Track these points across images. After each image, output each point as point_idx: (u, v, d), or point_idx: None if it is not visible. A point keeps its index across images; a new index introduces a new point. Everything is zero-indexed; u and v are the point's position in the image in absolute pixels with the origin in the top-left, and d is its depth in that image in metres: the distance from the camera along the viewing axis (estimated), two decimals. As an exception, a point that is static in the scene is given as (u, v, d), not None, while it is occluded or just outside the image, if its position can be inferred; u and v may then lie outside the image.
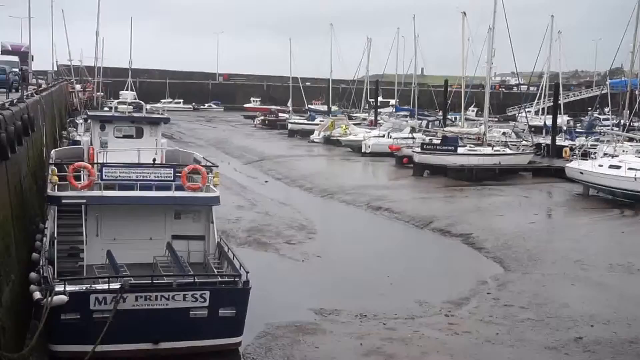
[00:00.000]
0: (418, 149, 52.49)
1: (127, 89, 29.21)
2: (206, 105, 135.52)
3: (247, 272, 17.46)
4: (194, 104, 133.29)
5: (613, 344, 18.40)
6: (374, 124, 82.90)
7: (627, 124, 58.35)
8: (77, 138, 36.30)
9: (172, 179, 19.97)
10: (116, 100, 26.47)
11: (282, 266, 26.39)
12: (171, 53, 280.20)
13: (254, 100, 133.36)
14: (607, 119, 78.63)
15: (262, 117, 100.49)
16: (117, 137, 22.78)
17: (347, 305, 21.26)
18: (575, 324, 19.95)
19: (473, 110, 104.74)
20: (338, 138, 70.47)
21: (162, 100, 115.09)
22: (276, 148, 68.42)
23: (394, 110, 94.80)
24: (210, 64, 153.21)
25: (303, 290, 23.17)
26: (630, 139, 53.54)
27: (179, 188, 19.86)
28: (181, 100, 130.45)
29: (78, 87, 74.28)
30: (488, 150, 53.23)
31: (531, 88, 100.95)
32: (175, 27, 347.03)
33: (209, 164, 22.54)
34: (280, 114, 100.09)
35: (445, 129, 67.37)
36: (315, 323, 19.73)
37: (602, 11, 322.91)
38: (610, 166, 41.05)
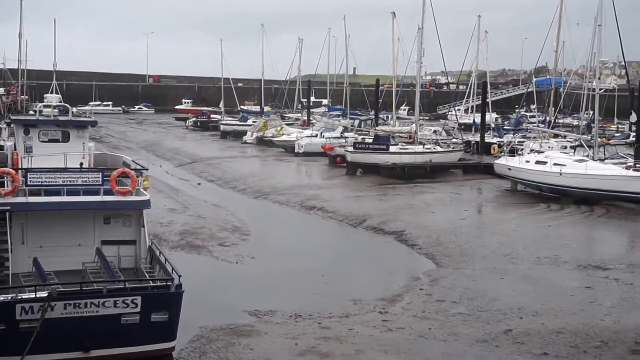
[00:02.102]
0: (351, 148, 52.81)
1: (52, 92, 28.48)
2: (136, 107, 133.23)
3: (180, 276, 17.28)
4: (123, 106, 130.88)
5: (541, 335, 18.87)
6: (307, 123, 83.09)
7: (552, 120, 60.02)
8: (1, 143, 35.21)
9: (100, 183, 19.56)
10: (41, 104, 25.74)
11: (215, 268, 26.18)
12: (100, 55, 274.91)
13: (185, 102, 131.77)
14: (534, 116, 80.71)
15: (194, 119, 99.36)
16: (42, 141, 22.20)
17: (282, 306, 21.25)
18: (505, 317, 20.39)
19: (404, 109, 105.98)
20: (271, 139, 70.34)
21: (91, 103, 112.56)
22: (209, 150, 67.86)
23: (326, 110, 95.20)
24: (140, 66, 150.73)
25: (237, 292, 23.04)
26: (556, 135, 55.13)
27: (108, 192, 19.46)
28: (110, 103, 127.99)
29: (1, 90, 72.12)
30: (419, 148, 53.96)
31: (460, 87, 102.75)
32: (104, 28, 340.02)
33: (138, 167, 22.20)
34: (212, 116, 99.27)
35: (377, 128, 68.04)
36: (250, 324, 19.64)
37: (528, 12, 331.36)
38: (537, 162, 42.17)
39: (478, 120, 65.91)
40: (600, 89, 46.39)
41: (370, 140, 55.38)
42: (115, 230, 20.64)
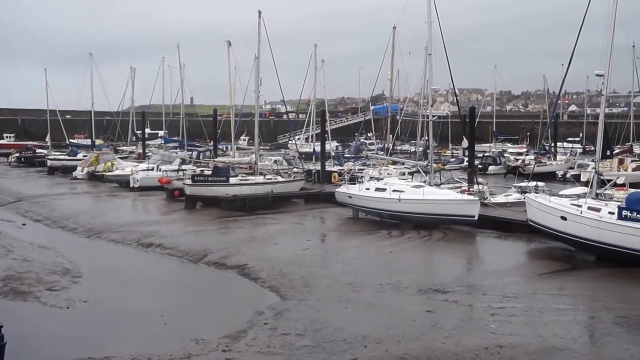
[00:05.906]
0: (189, 181, 51.53)
1: None
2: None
3: (1, 327, 15.56)
4: None
5: (386, 362, 18.64)
6: (142, 156, 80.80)
7: (390, 147, 61.80)
8: None
9: None
10: None
11: (44, 315, 24.10)
12: None
13: (7, 136, 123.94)
14: (372, 144, 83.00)
15: (18, 154, 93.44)
16: None
17: (118, 351, 19.76)
18: (350, 346, 20.00)
19: (244, 139, 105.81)
20: (103, 173, 67.43)
21: None
22: (35, 187, 63.89)
23: (162, 141, 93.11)
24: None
25: (69, 339, 21.29)
26: (394, 162, 56.69)
27: None
28: None
29: None
30: (260, 179, 53.57)
31: (300, 115, 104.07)
32: None
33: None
34: (38, 150, 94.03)
35: (216, 159, 67.19)
36: (82, 375, 18.10)
37: (365, 41, 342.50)
38: (377, 189, 42.80)
39: (318, 148, 66.60)
40: (434, 116, 48.07)
41: (210, 172, 54.38)
42: None
